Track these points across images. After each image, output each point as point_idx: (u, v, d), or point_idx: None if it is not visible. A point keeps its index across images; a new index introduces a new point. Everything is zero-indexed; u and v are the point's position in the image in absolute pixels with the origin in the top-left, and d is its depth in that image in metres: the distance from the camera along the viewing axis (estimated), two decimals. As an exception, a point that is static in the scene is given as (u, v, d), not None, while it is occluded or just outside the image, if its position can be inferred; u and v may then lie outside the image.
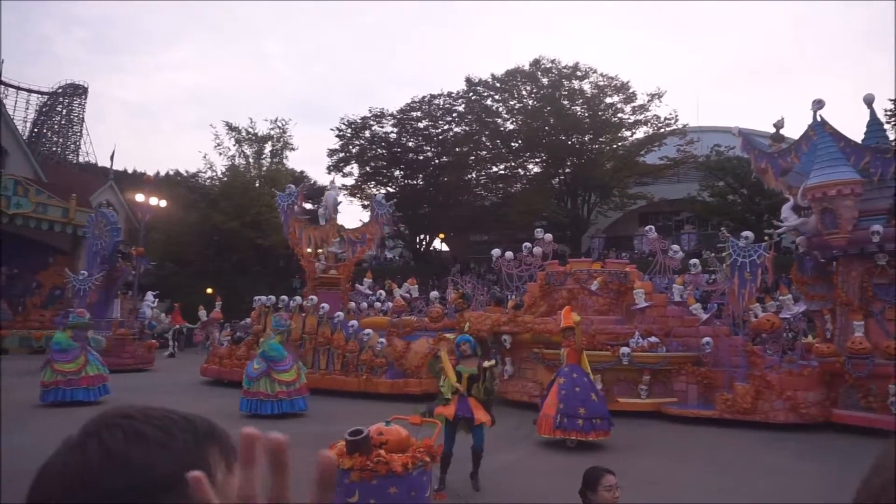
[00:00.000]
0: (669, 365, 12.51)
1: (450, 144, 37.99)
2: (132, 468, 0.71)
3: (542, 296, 15.07)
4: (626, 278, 14.40)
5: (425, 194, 39.59)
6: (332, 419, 10.93)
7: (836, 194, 11.44)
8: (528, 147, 36.51)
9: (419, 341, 14.93)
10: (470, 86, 37.53)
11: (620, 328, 13.14)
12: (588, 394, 9.14)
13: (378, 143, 39.12)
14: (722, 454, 9.06)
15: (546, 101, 35.09)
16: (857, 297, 11.65)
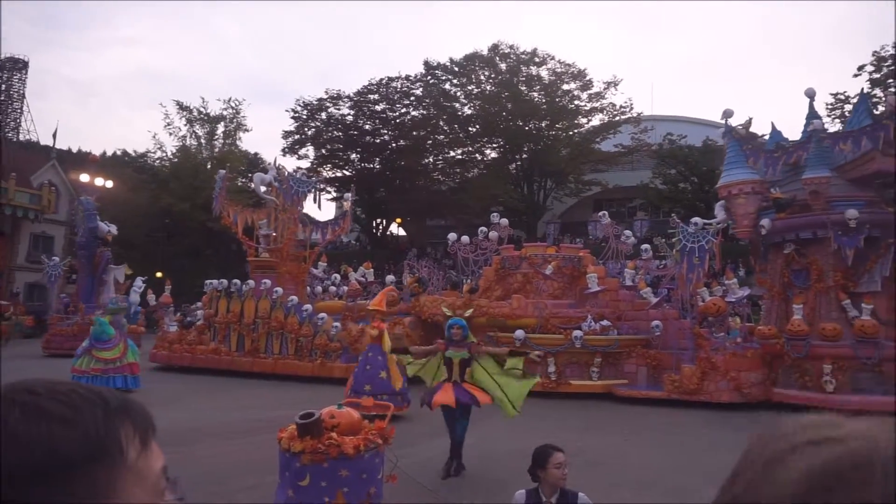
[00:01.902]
0: (620, 348, 12.77)
1: (407, 128, 37.69)
2: (31, 447, 0.65)
3: (497, 280, 15.16)
4: (580, 263, 14.59)
5: (382, 178, 39.24)
6: (280, 404, 10.76)
7: (733, 193, 12.28)
8: (485, 132, 36.54)
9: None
10: (428, 69, 37.26)
11: (573, 312, 13.33)
12: (377, 371, 9.66)
13: (334, 126, 38.53)
14: (670, 433, 9.31)
15: (504, 86, 35.13)
16: (778, 283, 12.26)
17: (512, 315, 13.17)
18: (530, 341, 12.69)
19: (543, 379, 12.56)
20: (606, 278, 14.34)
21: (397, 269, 32.87)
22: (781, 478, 0.56)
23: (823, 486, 0.54)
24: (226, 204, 17.40)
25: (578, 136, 35.95)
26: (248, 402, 11.28)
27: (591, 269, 13.91)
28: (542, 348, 12.63)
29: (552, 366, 12.62)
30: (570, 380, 12.62)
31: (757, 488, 0.58)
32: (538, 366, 9.40)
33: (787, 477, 0.56)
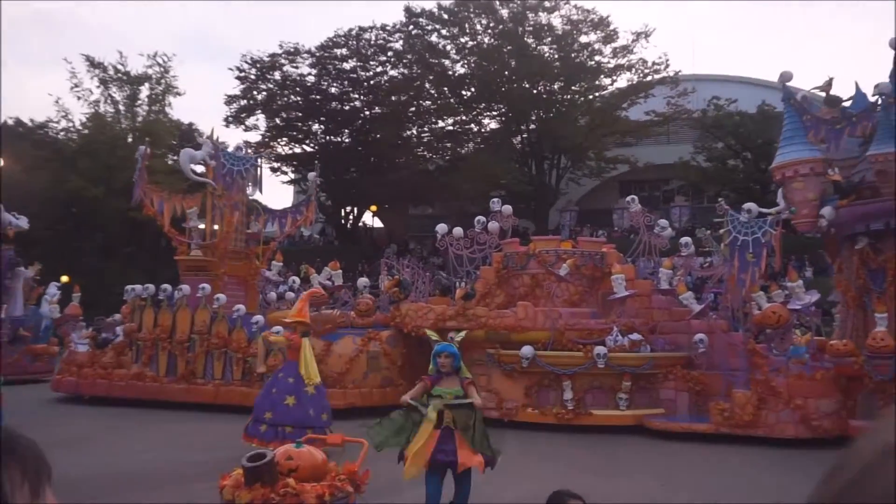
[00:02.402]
0: (655, 368, 12.78)
1: (384, 92, 37.66)
2: None
3: (498, 283, 15.12)
4: (603, 261, 14.57)
5: (352, 155, 39.20)
6: (222, 443, 10.67)
7: (788, 176, 12.36)
8: (482, 97, 36.59)
9: (343, 341, 14.80)
10: (410, 17, 37.21)
11: (595, 323, 13.34)
12: (283, 396, 9.97)
13: (291, 89, 38.47)
14: (717, 477, 9.32)
15: (506, 38, 35.16)
16: (853, 286, 12.32)
17: (517, 327, 13.16)
18: (541, 360, 12.68)
19: (558, 408, 12.57)
20: (636, 280, 14.36)
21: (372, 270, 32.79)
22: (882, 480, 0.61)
23: None
24: (149, 188, 17.32)
25: (600, 100, 36.11)
26: (181, 441, 11.18)
27: (618, 269, 13.93)
28: (556, 369, 12.63)
29: (568, 391, 12.63)
30: (592, 409, 12.62)
31: (858, 489, 0.62)
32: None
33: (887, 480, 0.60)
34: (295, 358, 10.19)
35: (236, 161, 16.84)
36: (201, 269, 16.71)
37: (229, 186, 16.67)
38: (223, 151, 16.65)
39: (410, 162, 39.43)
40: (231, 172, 16.58)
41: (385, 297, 16.79)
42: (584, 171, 36.91)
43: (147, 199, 17.22)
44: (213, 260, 16.71)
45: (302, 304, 10.57)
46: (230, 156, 16.82)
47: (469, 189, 33.94)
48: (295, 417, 9.94)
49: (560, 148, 35.61)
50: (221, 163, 16.45)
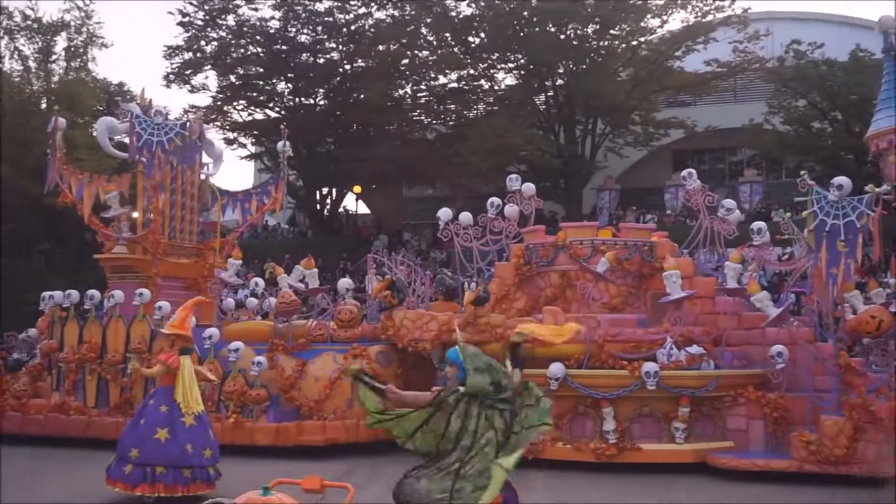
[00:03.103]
0: (720, 389, 12.79)
1: (369, 40, 37.54)
2: None
3: (518, 283, 15.12)
4: (652, 253, 14.56)
5: (330, 121, 39.10)
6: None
7: (882, 147, 12.49)
8: (495, 45, 36.45)
9: (321, 360, 14.88)
10: (401, -58, 37.20)
11: (643, 333, 13.35)
12: (153, 430, 10.16)
13: (249, 37, 38.36)
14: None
15: (525, -33, 35.04)
16: None
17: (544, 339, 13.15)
18: (574, 381, 12.69)
19: (597, 442, 12.60)
20: (696, 278, 14.36)
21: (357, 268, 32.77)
22: None
23: None
24: (66, 169, 17.33)
25: (647, 48, 35.93)
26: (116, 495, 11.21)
27: (671, 264, 13.91)
28: (594, 392, 12.64)
29: (610, 420, 12.64)
30: (640, 442, 12.63)
31: None
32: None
33: None
34: (170, 382, 10.37)
35: (155, 129, 16.71)
36: (129, 269, 16.76)
37: (148, 163, 16.61)
38: (137, 118, 16.54)
39: (404, 129, 39.28)
40: (149, 144, 16.49)
41: (374, 304, 16.79)
42: (627, 138, 36.71)
43: (64, 183, 17.22)
44: (143, 258, 16.72)
45: (184, 314, 10.75)
46: (146, 123, 16.67)
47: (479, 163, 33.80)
48: (167, 455, 10.08)
49: (596, 110, 35.42)
50: (136, 132, 16.36)
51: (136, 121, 16.50)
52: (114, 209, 17.16)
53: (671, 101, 37.48)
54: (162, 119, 17.09)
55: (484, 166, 33.71)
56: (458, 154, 34.79)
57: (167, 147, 16.56)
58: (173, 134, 16.69)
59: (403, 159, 36.37)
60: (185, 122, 17.25)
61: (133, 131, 16.45)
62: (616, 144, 36.81)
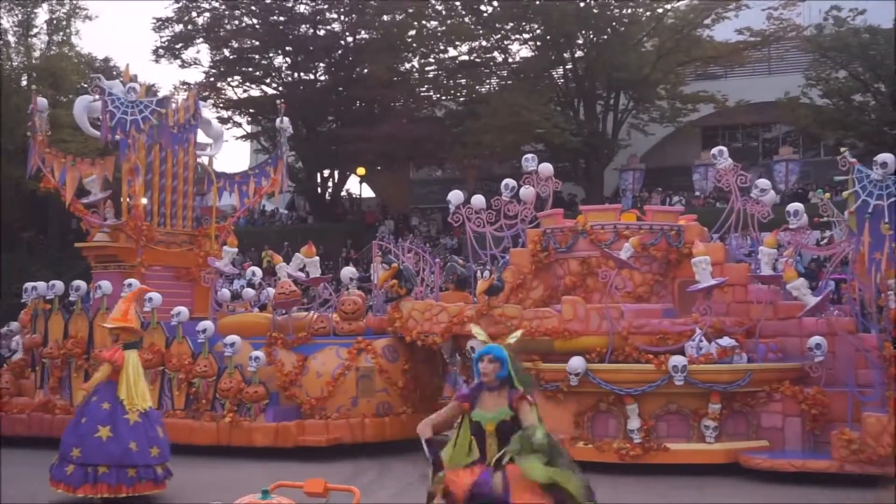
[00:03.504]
0: (754, 384, 12.73)
1: (373, 9, 37.48)
2: None
3: (535, 271, 15.08)
4: (680, 238, 14.48)
5: (331, 98, 39.06)
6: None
7: None
8: (509, 14, 36.34)
9: (323, 355, 14.87)
10: None
11: (670, 324, 13.31)
12: (94, 427, 10.35)
13: (244, 8, 38.33)
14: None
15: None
16: None
17: (563, 332, 13.15)
18: (596, 376, 12.67)
19: (620, 442, 12.59)
20: (727, 264, 14.29)
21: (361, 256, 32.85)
22: None
23: None
24: (48, 153, 17.31)
25: (673, 15, 35.78)
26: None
27: (701, 249, 13.84)
28: (617, 388, 12.62)
29: (635, 418, 12.62)
30: (667, 441, 12.61)
31: None
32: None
33: None
34: (115, 378, 10.48)
35: (129, 108, 16.63)
36: (111, 259, 16.80)
37: (122, 143, 16.58)
38: (110, 96, 16.46)
39: (411, 106, 39.24)
40: (122, 124, 16.42)
41: (380, 294, 16.79)
42: (653, 114, 36.62)
43: (47, 167, 17.22)
44: (126, 247, 16.71)
45: (126, 305, 10.92)
46: (120, 101, 16.57)
47: (493, 142, 33.80)
48: (110, 454, 10.21)
49: (618, 83, 35.32)
50: (109, 111, 16.29)
51: (109, 99, 16.37)
52: (94, 194, 17.16)
53: (700, 74, 37.33)
54: (135, 96, 16.96)
55: (497, 145, 33.70)
56: (469, 132, 34.77)
57: (142, 126, 16.46)
58: (148, 112, 16.55)
59: (411, 138, 36.38)
60: (161, 99, 17.10)
61: (105, 110, 16.32)
62: (640, 121, 36.71)
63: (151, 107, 16.62)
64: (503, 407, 6.12)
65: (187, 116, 17.85)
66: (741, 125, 39.69)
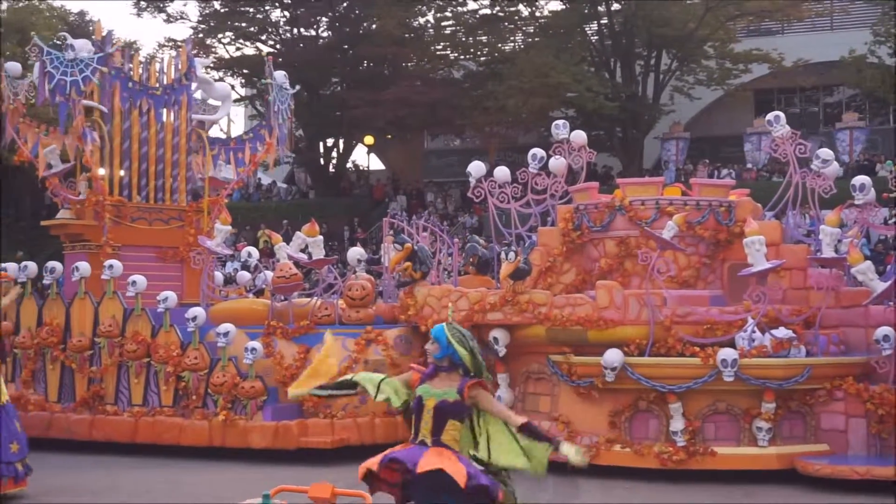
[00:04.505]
0: (813, 381, 12.71)
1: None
2: None
3: (566, 252, 15.06)
4: (731, 216, 14.44)
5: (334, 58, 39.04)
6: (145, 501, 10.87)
7: None
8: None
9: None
10: None
11: (719, 312, 13.29)
12: None
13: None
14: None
15: None
16: None
17: (598, 321, 13.14)
18: (635, 371, 12.68)
19: (662, 445, 12.60)
20: (784, 245, 14.26)
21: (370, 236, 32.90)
22: None
23: None
24: (22, 122, 17.33)
25: (721, -35, 35.60)
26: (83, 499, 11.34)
27: (754, 228, 13.79)
28: (659, 384, 12.63)
29: (678, 419, 12.62)
30: (715, 445, 12.61)
31: None
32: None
33: None
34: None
35: (69, 67, 16.58)
36: (77, 238, 16.90)
37: (62, 107, 16.51)
38: (49, 55, 16.36)
39: (425, 67, 39.18)
40: (62, 86, 16.38)
41: (391, 278, 16.81)
42: (699, 76, 36.45)
43: (21, 137, 17.21)
44: (94, 224, 16.73)
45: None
46: (59, 60, 16.49)
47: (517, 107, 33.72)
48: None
49: (660, 40, 35.18)
50: (47, 72, 16.26)
51: (48, 59, 16.32)
52: (54, 166, 17.15)
53: (753, 30, 37.19)
54: (74, 54, 16.81)
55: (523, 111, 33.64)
56: (491, 96, 34.69)
57: (83, 88, 16.44)
58: (89, 71, 16.51)
59: (425, 103, 36.34)
60: (103, 56, 16.95)
61: (43, 71, 16.27)
62: (685, 83, 36.56)
63: (93, 65, 16.56)
64: (451, 389, 6.47)
65: (177, 76, 17.89)
66: (799, 88, 39.41)
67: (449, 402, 6.46)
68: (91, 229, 16.74)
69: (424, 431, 6.47)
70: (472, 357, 6.53)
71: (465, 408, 6.49)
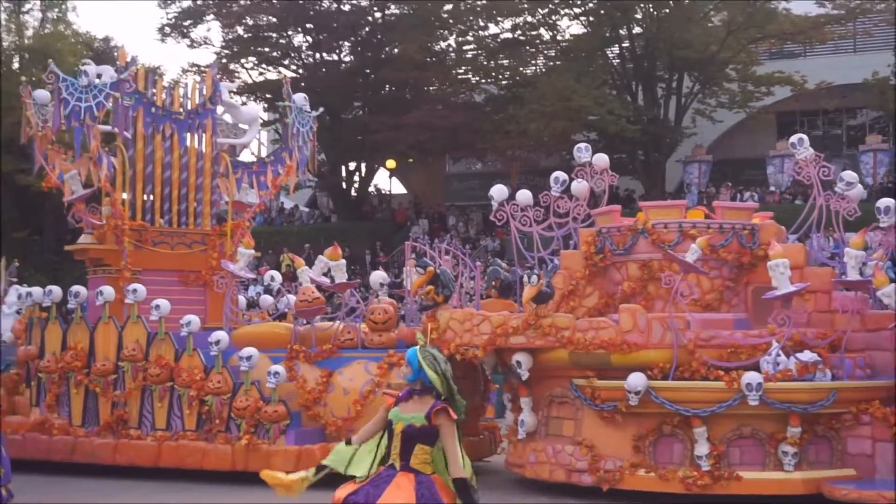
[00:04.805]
0: (839, 405, 12.61)
1: (403, -18, 37.60)
2: None
3: (589, 276, 15.02)
4: (754, 239, 14.38)
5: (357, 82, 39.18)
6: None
7: None
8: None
9: (350, 370, 14.95)
10: None
11: (743, 336, 13.22)
12: None
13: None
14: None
15: None
16: None
17: (621, 344, 13.09)
18: (659, 395, 12.62)
19: (686, 470, 12.53)
20: (808, 268, 14.20)
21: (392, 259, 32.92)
22: None
23: None
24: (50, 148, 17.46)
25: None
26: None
27: (778, 251, 13.74)
28: (683, 408, 12.57)
29: (703, 443, 12.55)
30: (740, 469, 12.54)
31: None
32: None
33: None
34: None
35: (83, 93, 16.57)
36: (98, 262, 16.96)
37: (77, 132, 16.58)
38: (64, 81, 16.48)
39: (446, 91, 39.29)
40: (76, 112, 16.49)
41: (413, 301, 16.81)
42: (721, 98, 36.42)
43: (50, 164, 17.34)
44: (111, 249, 16.82)
45: None
46: (74, 86, 16.59)
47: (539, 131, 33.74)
48: None
49: (682, 63, 35.19)
50: (63, 98, 16.36)
51: (63, 85, 16.46)
52: (75, 192, 17.25)
53: (775, 52, 37.14)
54: (88, 80, 16.96)
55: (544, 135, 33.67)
56: (512, 120, 34.73)
57: (96, 113, 16.57)
58: (102, 97, 16.63)
59: (446, 127, 36.39)
60: (116, 82, 17.10)
61: (59, 98, 16.41)
62: (707, 106, 36.52)
63: (106, 91, 16.68)
64: (419, 413, 6.55)
65: (201, 100, 18.00)
66: (822, 111, 39.32)
67: (416, 426, 6.54)
68: (111, 254, 16.82)
69: (394, 455, 6.59)
70: (443, 381, 6.62)
71: (434, 432, 6.55)
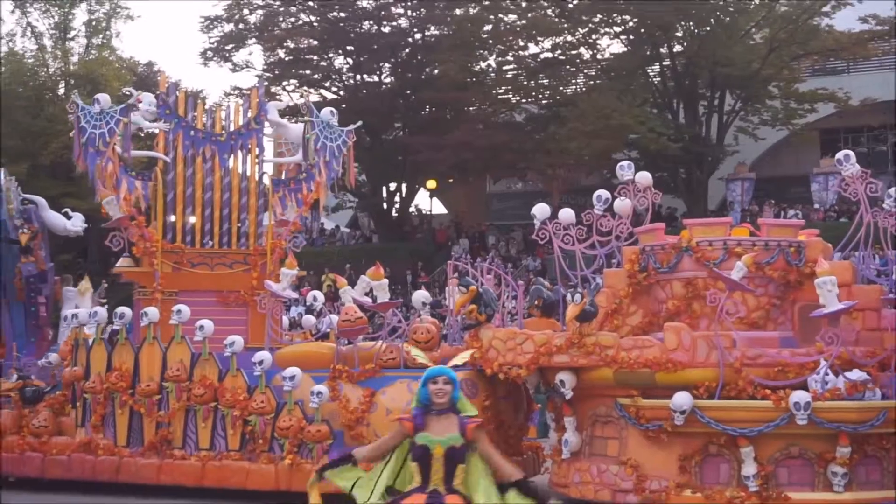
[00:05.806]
0: (890, 424, 12.48)
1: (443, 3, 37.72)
2: None
3: (632, 294, 14.97)
4: (801, 256, 14.28)
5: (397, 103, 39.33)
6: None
7: None
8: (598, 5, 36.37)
9: (393, 390, 14.89)
10: None
11: (790, 354, 13.11)
12: None
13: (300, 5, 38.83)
14: None
15: None
16: None
17: (666, 363, 13.01)
18: (704, 415, 12.52)
19: (734, 490, 12.42)
20: (856, 286, 14.10)
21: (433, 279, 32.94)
22: None
23: None
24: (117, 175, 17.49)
25: (786, 3, 35.45)
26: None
27: (825, 269, 13.64)
28: (730, 428, 12.46)
29: (750, 463, 12.43)
30: (788, 490, 12.43)
31: None
32: None
33: None
34: None
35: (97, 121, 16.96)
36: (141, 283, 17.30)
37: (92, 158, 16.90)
38: (83, 110, 16.82)
39: (487, 111, 39.38)
40: (92, 139, 16.79)
41: (455, 321, 16.79)
42: (763, 116, 36.28)
43: (119, 191, 17.38)
44: (147, 271, 17.12)
45: None
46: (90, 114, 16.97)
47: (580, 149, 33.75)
48: None
49: (723, 81, 35.10)
50: (80, 127, 16.76)
51: (82, 114, 16.80)
52: (114, 216, 17.43)
53: (818, 69, 36.90)
54: (100, 107, 17.21)
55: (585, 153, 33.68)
56: (553, 139, 34.79)
57: (108, 139, 16.80)
58: (113, 123, 16.85)
59: (487, 147, 36.46)
60: (125, 107, 17.31)
61: (78, 126, 16.78)
62: (749, 124, 36.41)
63: (116, 116, 16.94)
64: (454, 433, 6.61)
65: (245, 120, 18.15)
66: (867, 127, 39.07)
67: (457, 448, 6.60)
68: (145, 276, 17.14)
69: (436, 479, 6.58)
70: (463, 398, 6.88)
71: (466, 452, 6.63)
